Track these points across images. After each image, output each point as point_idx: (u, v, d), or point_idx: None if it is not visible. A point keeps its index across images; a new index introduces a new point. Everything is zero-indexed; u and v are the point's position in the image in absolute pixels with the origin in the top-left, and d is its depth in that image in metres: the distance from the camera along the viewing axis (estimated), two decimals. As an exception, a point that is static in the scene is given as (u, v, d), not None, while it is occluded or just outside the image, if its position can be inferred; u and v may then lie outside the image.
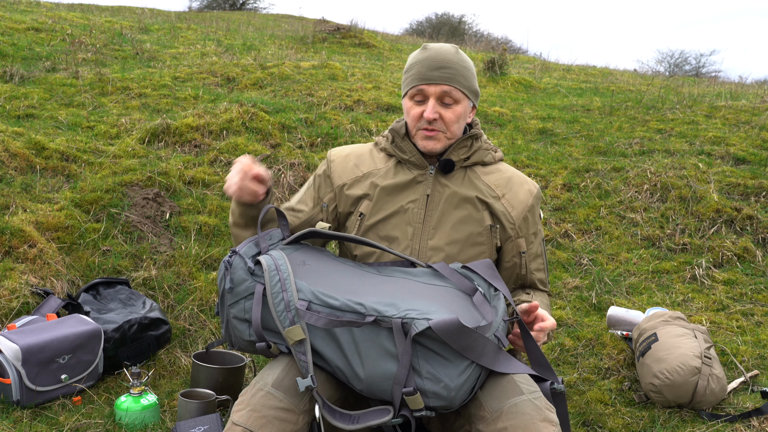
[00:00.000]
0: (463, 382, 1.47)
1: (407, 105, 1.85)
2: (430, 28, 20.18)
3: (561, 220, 3.89)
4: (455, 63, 1.81)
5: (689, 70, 17.75)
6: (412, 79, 1.82)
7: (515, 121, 5.20)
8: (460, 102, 1.82)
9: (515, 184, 1.89)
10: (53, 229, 3.14)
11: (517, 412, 1.46)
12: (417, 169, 1.86)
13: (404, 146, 1.87)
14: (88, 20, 7.52)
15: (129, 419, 2.26)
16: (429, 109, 1.79)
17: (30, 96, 4.69)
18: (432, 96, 1.80)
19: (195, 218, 3.52)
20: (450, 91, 1.79)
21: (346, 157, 1.94)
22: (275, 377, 1.58)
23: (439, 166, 1.85)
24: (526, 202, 1.88)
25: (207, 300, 3.03)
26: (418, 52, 1.85)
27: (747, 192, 4.00)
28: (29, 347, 2.30)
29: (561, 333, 3.00)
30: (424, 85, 1.80)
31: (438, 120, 1.80)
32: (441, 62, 1.80)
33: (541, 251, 1.96)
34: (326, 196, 1.92)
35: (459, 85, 1.80)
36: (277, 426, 1.50)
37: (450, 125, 1.82)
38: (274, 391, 1.54)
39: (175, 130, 4.30)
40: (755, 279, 3.39)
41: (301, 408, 1.53)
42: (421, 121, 1.82)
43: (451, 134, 1.83)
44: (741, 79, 8.11)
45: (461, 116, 1.83)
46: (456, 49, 1.85)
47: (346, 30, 8.44)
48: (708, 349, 2.48)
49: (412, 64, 1.84)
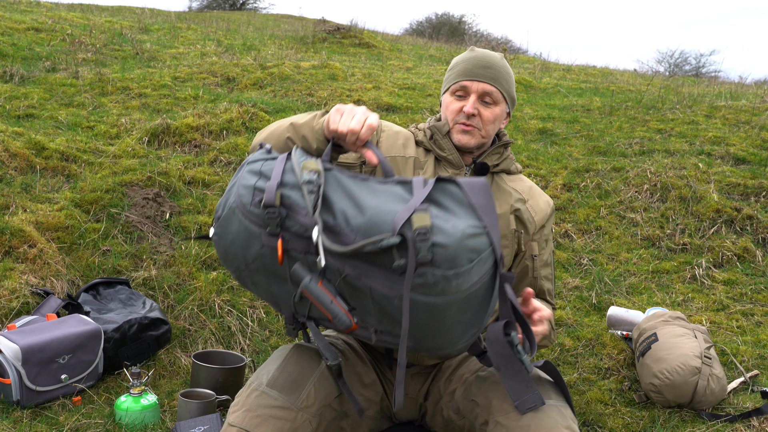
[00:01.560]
0: (469, 235, 1.30)
1: (447, 100, 1.87)
2: (430, 28, 20.17)
3: (561, 220, 3.89)
4: (500, 66, 1.85)
5: (689, 70, 17.76)
6: (456, 74, 1.86)
7: (515, 121, 5.20)
8: (499, 104, 1.85)
9: (536, 194, 1.94)
10: (53, 229, 3.14)
11: (543, 415, 1.49)
12: (453, 168, 1.87)
13: (444, 144, 1.87)
14: (88, 20, 7.52)
15: (129, 419, 2.26)
16: (470, 104, 1.81)
17: (30, 96, 4.69)
18: (474, 93, 1.82)
19: (195, 218, 3.52)
20: (492, 91, 1.83)
21: (397, 133, 1.91)
22: (270, 376, 1.58)
23: (475, 168, 1.87)
24: (545, 211, 1.93)
25: (207, 300, 3.03)
26: (465, 53, 1.90)
27: (747, 192, 4.00)
28: (29, 347, 2.30)
29: (561, 333, 3.00)
30: (467, 81, 1.83)
31: (476, 116, 1.83)
32: (487, 62, 1.84)
33: (550, 261, 1.98)
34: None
35: (500, 87, 1.84)
36: (273, 424, 1.50)
37: (486, 124, 1.84)
38: (269, 390, 1.55)
39: (175, 130, 4.30)
40: (755, 279, 3.39)
41: (298, 405, 1.53)
42: (460, 115, 1.84)
43: (486, 133, 1.85)
44: (741, 79, 8.12)
45: (498, 118, 1.86)
46: (501, 56, 1.90)
47: (346, 30, 8.44)
48: (708, 349, 2.48)
49: (458, 62, 1.88)
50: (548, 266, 1.96)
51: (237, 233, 1.44)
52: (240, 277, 1.52)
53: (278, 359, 1.63)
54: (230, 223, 1.45)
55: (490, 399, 1.59)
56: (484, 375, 1.67)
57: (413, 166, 1.86)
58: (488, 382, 1.64)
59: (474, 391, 1.66)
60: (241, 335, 2.93)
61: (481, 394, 1.63)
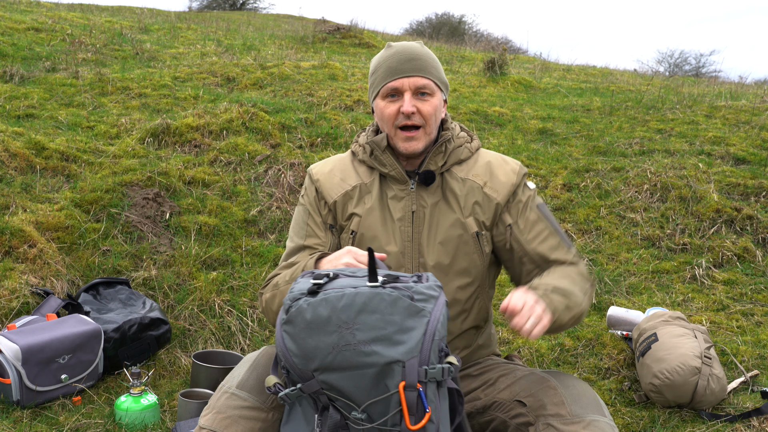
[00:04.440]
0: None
1: (380, 106, 1.76)
2: (430, 28, 20.18)
3: (561, 220, 3.89)
4: (424, 54, 1.76)
5: (689, 70, 17.77)
6: (383, 76, 1.75)
7: (515, 121, 5.20)
8: (435, 94, 1.75)
9: (495, 168, 1.81)
10: (53, 229, 3.14)
11: (597, 428, 1.51)
12: (398, 183, 1.80)
13: (384, 159, 1.79)
14: (88, 20, 7.52)
15: (129, 419, 2.26)
16: (407, 103, 1.72)
17: (30, 96, 4.69)
18: (408, 90, 1.73)
19: (195, 218, 3.52)
20: (425, 83, 1.73)
21: (330, 172, 1.86)
22: (240, 379, 1.58)
23: (420, 180, 1.78)
24: (509, 182, 1.79)
25: (207, 300, 3.03)
26: (382, 52, 1.80)
27: (747, 192, 4.00)
28: (29, 347, 2.30)
29: (561, 333, 3.00)
30: (398, 80, 1.73)
31: (416, 114, 1.74)
32: (410, 55, 1.74)
33: (539, 216, 1.78)
34: (328, 217, 1.84)
35: (432, 76, 1.75)
36: (243, 425, 1.50)
37: (428, 118, 1.74)
38: (238, 392, 1.55)
39: (175, 130, 4.30)
40: (755, 279, 3.39)
41: (269, 405, 1.53)
42: (399, 118, 1.74)
43: (430, 129, 1.76)
44: (741, 79, 8.11)
45: (437, 108, 1.77)
46: (420, 43, 1.81)
47: (346, 30, 8.44)
48: (708, 349, 2.48)
49: (379, 63, 1.78)
50: (538, 223, 1.78)
51: None
52: None
53: (248, 363, 1.63)
54: None
55: (540, 397, 1.59)
56: (533, 377, 1.67)
57: (359, 194, 1.81)
58: (539, 384, 1.64)
59: (518, 392, 1.66)
60: (241, 335, 2.93)
61: (531, 395, 1.62)
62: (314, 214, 1.84)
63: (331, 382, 1.31)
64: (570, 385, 1.61)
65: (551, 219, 1.80)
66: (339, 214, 1.83)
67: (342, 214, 1.83)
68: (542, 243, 1.76)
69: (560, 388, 1.59)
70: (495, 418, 1.69)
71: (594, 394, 1.63)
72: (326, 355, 1.30)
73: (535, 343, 2.88)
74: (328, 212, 1.84)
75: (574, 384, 1.63)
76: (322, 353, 1.30)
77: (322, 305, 1.32)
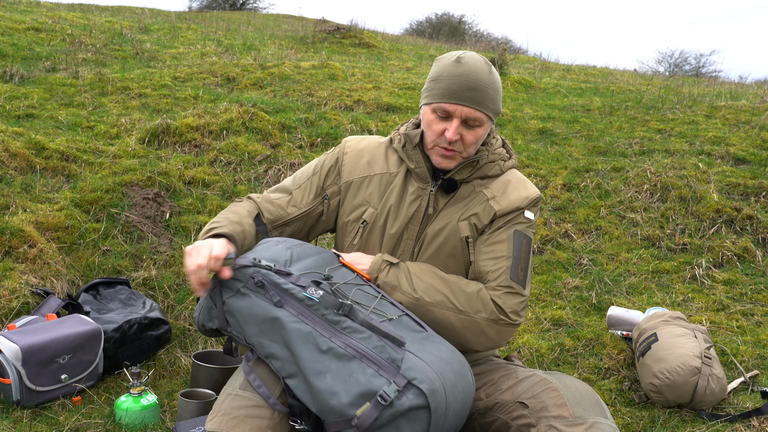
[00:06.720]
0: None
1: (429, 116, 1.76)
2: (430, 28, 20.18)
3: (561, 220, 3.89)
4: (487, 85, 1.73)
5: (689, 70, 17.77)
6: (440, 93, 1.73)
7: (515, 121, 5.20)
8: (483, 125, 1.76)
9: (510, 188, 1.81)
10: (53, 229, 3.14)
11: (599, 430, 1.52)
12: (420, 182, 1.81)
13: (413, 155, 1.81)
14: (88, 20, 7.52)
15: (129, 419, 2.26)
16: (452, 131, 1.71)
17: (30, 96, 4.69)
18: (458, 117, 1.72)
19: (195, 218, 3.52)
20: (477, 116, 1.73)
21: (361, 151, 1.88)
22: (242, 381, 1.59)
23: (442, 186, 1.80)
24: (514, 203, 1.78)
25: (207, 300, 3.03)
26: (451, 64, 1.74)
27: (747, 192, 4.00)
28: (29, 347, 2.30)
29: (561, 333, 3.00)
30: (452, 105, 1.71)
31: (458, 142, 1.74)
32: (474, 83, 1.71)
33: (509, 239, 1.74)
34: (330, 189, 1.87)
35: (487, 109, 1.74)
36: (250, 423, 1.51)
37: (468, 146, 1.76)
38: (241, 393, 1.56)
39: (175, 130, 4.30)
40: (755, 279, 3.39)
41: (272, 401, 1.54)
42: (441, 139, 1.74)
43: (468, 154, 1.78)
44: (741, 79, 8.12)
45: (481, 138, 1.78)
46: (489, 66, 1.76)
47: (346, 30, 8.44)
48: (708, 349, 2.48)
49: (442, 75, 1.74)
50: (501, 244, 1.73)
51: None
52: None
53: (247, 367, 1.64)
54: None
55: (539, 396, 1.60)
56: (534, 378, 1.67)
57: (379, 183, 1.83)
58: (541, 386, 1.64)
59: (520, 393, 1.66)
60: (241, 335, 2.92)
61: (532, 397, 1.62)
62: (321, 177, 1.89)
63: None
64: (572, 387, 1.61)
65: (520, 250, 1.74)
66: (349, 197, 1.85)
67: (352, 197, 1.85)
68: (489, 261, 1.74)
69: (562, 390, 1.60)
70: (497, 419, 1.69)
71: (596, 395, 1.63)
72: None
73: (535, 343, 2.89)
74: (336, 186, 1.87)
75: (576, 385, 1.63)
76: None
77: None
